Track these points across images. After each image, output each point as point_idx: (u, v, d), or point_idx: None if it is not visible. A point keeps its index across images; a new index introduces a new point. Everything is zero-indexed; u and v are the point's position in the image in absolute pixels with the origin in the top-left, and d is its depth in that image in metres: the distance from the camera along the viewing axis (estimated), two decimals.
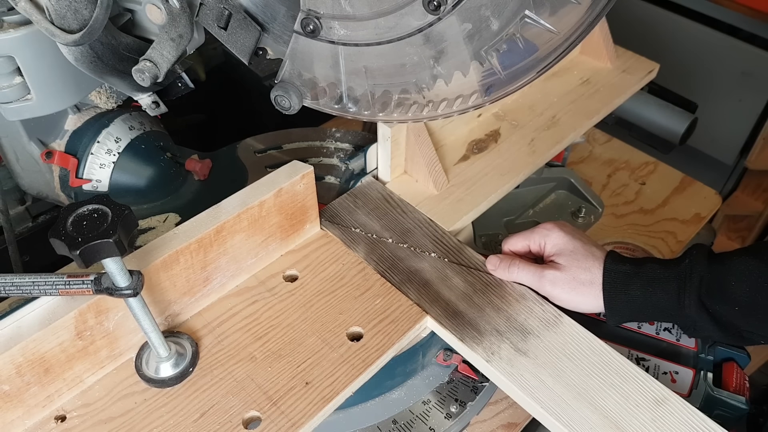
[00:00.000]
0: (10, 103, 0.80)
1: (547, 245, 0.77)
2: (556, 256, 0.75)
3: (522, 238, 0.79)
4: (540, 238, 0.78)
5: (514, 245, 0.80)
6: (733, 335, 0.70)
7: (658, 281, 0.70)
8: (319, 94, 0.68)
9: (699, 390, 0.80)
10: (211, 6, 0.63)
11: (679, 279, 0.69)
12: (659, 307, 0.71)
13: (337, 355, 0.69)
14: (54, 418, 0.63)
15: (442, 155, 0.94)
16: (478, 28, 0.57)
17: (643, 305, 0.71)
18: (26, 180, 0.96)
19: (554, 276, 0.73)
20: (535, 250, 0.79)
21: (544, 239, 0.77)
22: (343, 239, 0.82)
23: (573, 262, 0.74)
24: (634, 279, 0.71)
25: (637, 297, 0.71)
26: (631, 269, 0.72)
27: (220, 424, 0.63)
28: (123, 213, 0.54)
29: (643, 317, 0.75)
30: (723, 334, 0.70)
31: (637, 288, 0.71)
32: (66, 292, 0.58)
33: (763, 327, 0.68)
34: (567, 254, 0.74)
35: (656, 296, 0.70)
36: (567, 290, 0.73)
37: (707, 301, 0.68)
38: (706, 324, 0.69)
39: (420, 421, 0.80)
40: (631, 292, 0.71)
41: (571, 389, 0.66)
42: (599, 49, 1.11)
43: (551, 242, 0.76)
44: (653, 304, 0.71)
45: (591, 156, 1.26)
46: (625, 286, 0.71)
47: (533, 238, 0.78)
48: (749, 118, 1.66)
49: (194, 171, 0.98)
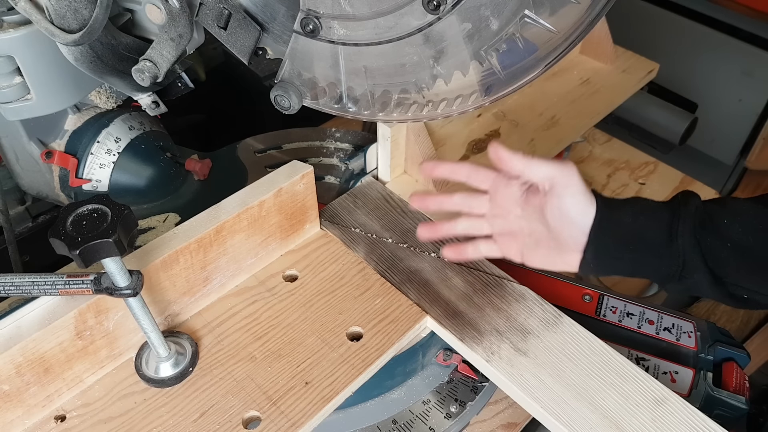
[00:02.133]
0: (10, 103, 0.80)
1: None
2: None
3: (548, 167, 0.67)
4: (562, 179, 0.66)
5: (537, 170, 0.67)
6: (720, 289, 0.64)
7: (650, 210, 0.66)
8: (319, 94, 0.68)
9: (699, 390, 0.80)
10: (210, 6, 0.63)
11: (672, 208, 0.65)
12: (649, 241, 0.65)
13: (336, 355, 0.69)
14: (54, 418, 0.63)
15: (442, 155, 0.94)
16: (477, 27, 0.57)
17: (631, 235, 0.65)
18: (26, 180, 0.96)
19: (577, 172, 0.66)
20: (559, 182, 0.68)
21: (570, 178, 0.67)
22: (343, 239, 0.82)
23: None
24: (626, 206, 0.66)
25: (626, 225, 0.65)
26: (622, 200, 0.67)
27: (219, 424, 0.63)
28: (123, 213, 0.54)
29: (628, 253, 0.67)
30: (711, 278, 0.64)
31: (628, 215, 0.65)
32: (66, 291, 0.58)
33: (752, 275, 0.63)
34: None
35: (647, 224, 0.65)
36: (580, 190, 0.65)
37: (700, 232, 0.63)
38: (696, 263, 0.63)
39: (420, 421, 0.80)
40: (622, 219, 0.65)
41: (571, 389, 0.66)
42: (599, 49, 1.11)
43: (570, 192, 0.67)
44: (642, 236, 0.65)
45: (591, 156, 1.26)
46: (617, 211, 0.66)
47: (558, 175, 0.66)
48: (749, 118, 1.66)
49: (194, 171, 0.98)
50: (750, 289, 0.64)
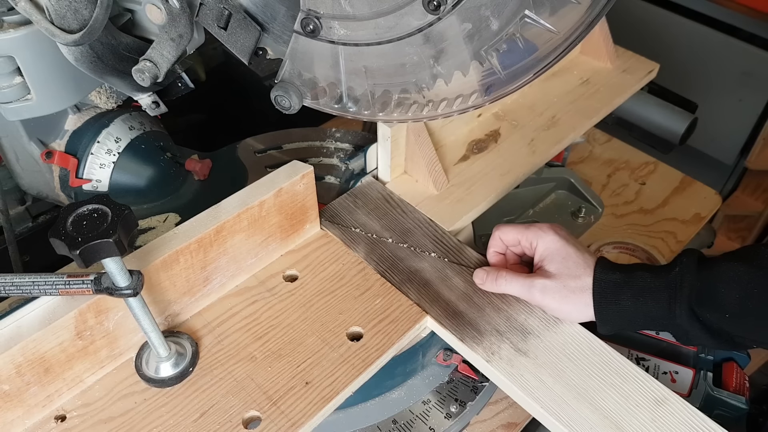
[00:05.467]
0: (10, 103, 0.80)
1: (539, 247, 0.75)
2: (546, 261, 0.74)
3: (515, 231, 0.77)
4: (533, 237, 0.75)
5: (506, 234, 0.78)
6: (725, 341, 0.69)
7: (648, 291, 0.69)
8: (319, 94, 0.68)
9: (699, 390, 0.80)
10: (211, 6, 0.63)
11: (669, 288, 0.68)
12: (650, 316, 0.70)
13: (337, 355, 0.69)
14: (54, 417, 0.63)
15: (442, 155, 0.94)
16: (478, 27, 0.57)
17: (633, 315, 0.70)
18: (26, 180, 0.96)
19: (544, 285, 0.71)
20: (525, 247, 0.77)
21: (537, 239, 0.75)
22: (343, 239, 0.82)
23: (564, 269, 0.72)
24: (624, 289, 0.70)
25: (627, 307, 0.70)
26: (621, 278, 0.70)
27: (220, 424, 0.63)
28: (123, 213, 0.54)
29: (635, 326, 0.73)
30: (715, 341, 0.69)
31: (628, 298, 0.70)
32: (66, 291, 0.58)
33: (754, 332, 0.67)
34: (558, 260, 0.73)
35: (647, 306, 0.69)
36: (558, 299, 0.71)
37: (698, 309, 0.67)
38: (697, 332, 0.68)
39: (420, 421, 0.80)
40: (622, 303, 0.70)
41: (571, 389, 0.66)
42: (599, 49, 1.11)
43: (544, 245, 0.74)
44: (644, 313, 0.70)
45: (591, 156, 1.26)
46: (616, 297, 0.70)
47: (526, 235, 0.76)
48: (749, 118, 1.66)
49: (194, 171, 0.98)
50: (753, 339, 0.69)
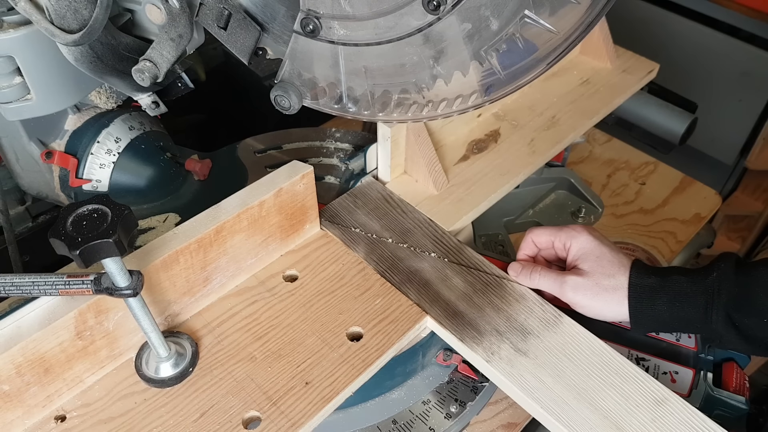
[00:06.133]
0: (10, 103, 0.80)
1: (573, 247, 0.75)
2: (580, 260, 0.74)
3: (548, 233, 0.78)
4: (567, 238, 0.76)
5: (539, 237, 0.79)
6: (760, 347, 0.69)
7: (685, 296, 0.69)
8: (319, 94, 0.68)
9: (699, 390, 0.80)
10: (210, 6, 0.63)
11: (706, 294, 0.68)
12: (685, 320, 0.70)
13: (336, 355, 0.69)
14: (54, 418, 0.63)
15: (442, 155, 0.94)
16: (477, 28, 0.57)
17: (669, 319, 0.70)
18: (26, 180, 0.96)
19: (576, 282, 0.72)
20: (558, 248, 0.77)
21: (571, 240, 0.75)
22: (343, 239, 0.82)
23: (597, 267, 0.72)
24: (660, 293, 0.70)
25: (662, 312, 0.70)
26: (657, 282, 0.70)
27: (220, 424, 0.63)
28: (123, 213, 0.54)
29: (669, 329, 0.75)
30: (749, 346, 0.69)
31: (664, 303, 0.70)
32: (66, 292, 0.58)
33: None
34: (592, 259, 0.73)
35: (683, 311, 0.69)
36: (589, 296, 0.71)
37: (735, 315, 0.67)
38: (732, 338, 0.68)
39: (420, 421, 0.80)
40: (657, 307, 0.70)
41: (571, 389, 0.66)
42: (599, 49, 1.11)
43: (578, 245, 0.75)
44: (679, 318, 0.70)
45: (591, 156, 1.26)
46: (651, 301, 0.70)
47: (560, 236, 0.76)
48: (749, 118, 1.66)
49: (194, 171, 0.98)
50: None
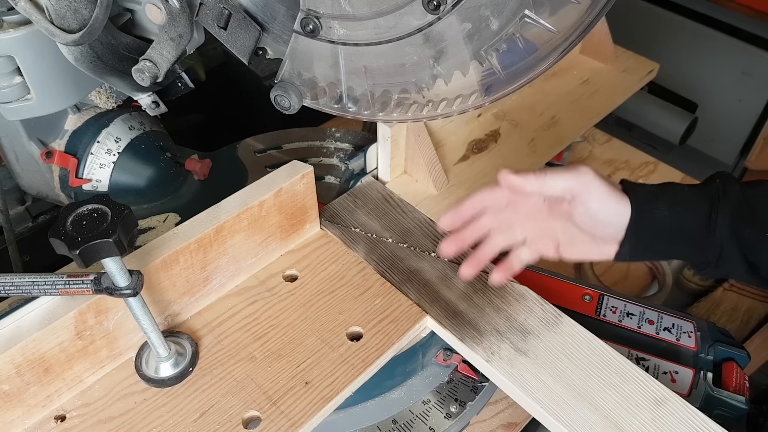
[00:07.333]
0: (10, 103, 0.80)
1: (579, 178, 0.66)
2: None
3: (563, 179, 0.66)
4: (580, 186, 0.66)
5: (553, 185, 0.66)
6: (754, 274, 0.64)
7: (687, 201, 0.65)
8: (319, 94, 0.68)
9: (699, 390, 0.80)
10: (210, 6, 0.62)
11: (710, 198, 0.64)
12: (685, 230, 0.64)
13: (336, 355, 0.69)
14: (54, 417, 0.63)
15: (442, 155, 0.94)
16: (477, 27, 0.57)
17: (669, 228, 0.65)
18: (26, 180, 0.96)
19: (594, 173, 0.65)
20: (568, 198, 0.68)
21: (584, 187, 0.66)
22: (343, 239, 0.82)
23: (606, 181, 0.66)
24: (660, 198, 0.65)
25: (663, 218, 0.64)
26: (656, 189, 0.66)
27: (219, 424, 0.63)
28: (123, 213, 0.54)
29: (665, 245, 0.67)
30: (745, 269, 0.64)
31: (664, 208, 0.64)
32: (66, 291, 0.58)
33: None
34: None
35: (684, 216, 0.64)
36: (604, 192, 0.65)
37: (739, 225, 0.62)
38: (734, 253, 0.63)
39: (420, 421, 0.80)
40: (658, 212, 0.64)
41: (571, 389, 0.66)
42: (599, 49, 1.11)
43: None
44: (680, 227, 0.64)
45: (591, 156, 1.26)
46: (652, 205, 0.65)
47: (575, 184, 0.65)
48: (749, 118, 1.66)
49: (194, 171, 0.98)
50: None
